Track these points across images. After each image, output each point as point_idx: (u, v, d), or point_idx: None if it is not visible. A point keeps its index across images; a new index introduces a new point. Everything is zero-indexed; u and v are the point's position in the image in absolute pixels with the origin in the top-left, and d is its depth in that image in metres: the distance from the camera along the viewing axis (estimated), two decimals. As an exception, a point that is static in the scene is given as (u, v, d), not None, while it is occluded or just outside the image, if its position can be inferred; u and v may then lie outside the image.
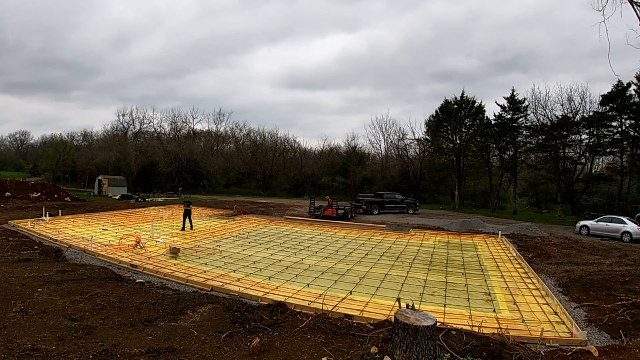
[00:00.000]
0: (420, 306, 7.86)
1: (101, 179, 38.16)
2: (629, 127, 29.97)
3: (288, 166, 51.79)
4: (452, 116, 39.60)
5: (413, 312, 4.46)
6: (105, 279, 8.49)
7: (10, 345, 4.77)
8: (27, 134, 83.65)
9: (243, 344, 5.26)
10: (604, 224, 20.83)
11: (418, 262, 12.61)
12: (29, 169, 63.36)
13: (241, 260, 11.92)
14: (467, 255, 14.12)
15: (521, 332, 6.78)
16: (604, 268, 12.38)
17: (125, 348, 4.95)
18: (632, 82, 29.20)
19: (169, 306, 6.81)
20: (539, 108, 34.07)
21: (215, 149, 56.51)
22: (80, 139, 61.55)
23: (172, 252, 12.12)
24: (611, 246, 17.11)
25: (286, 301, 7.69)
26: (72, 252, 12.13)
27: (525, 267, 12.41)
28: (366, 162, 49.63)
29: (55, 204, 24.67)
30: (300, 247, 14.39)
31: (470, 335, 4.99)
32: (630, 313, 7.62)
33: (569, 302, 9.10)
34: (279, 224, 20.92)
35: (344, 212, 24.69)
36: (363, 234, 18.48)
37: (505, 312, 8.16)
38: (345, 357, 4.72)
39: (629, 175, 30.67)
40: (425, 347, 4.09)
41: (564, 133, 32.03)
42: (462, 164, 39.54)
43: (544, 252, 15.14)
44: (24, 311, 5.99)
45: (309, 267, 11.31)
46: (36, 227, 15.70)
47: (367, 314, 7.34)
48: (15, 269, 8.64)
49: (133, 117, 55.76)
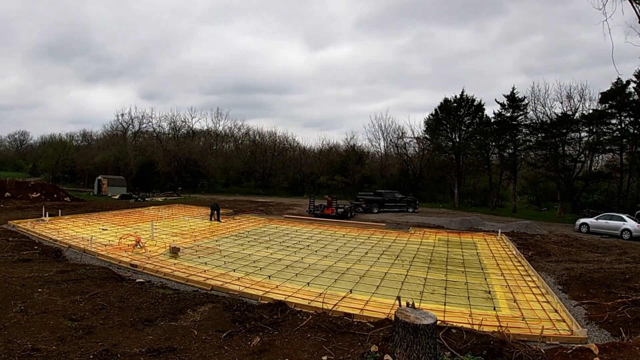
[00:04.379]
0: (421, 304, 7.86)
1: (101, 179, 38.10)
2: (629, 124, 30.00)
3: (287, 165, 51.77)
4: (451, 114, 39.58)
5: (413, 311, 4.46)
6: (105, 278, 8.48)
7: (11, 345, 4.76)
8: (27, 134, 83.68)
9: (243, 343, 5.26)
10: (603, 222, 20.85)
11: (418, 261, 12.62)
12: (28, 169, 63.27)
13: (241, 259, 11.91)
14: (467, 254, 14.13)
15: (521, 330, 6.78)
16: (603, 266, 12.39)
17: (126, 348, 4.95)
18: (631, 79, 29.23)
19: (169, 306, 6.81)
20: (539, 106, 34.11)
21: (214, 148, 56.47)
22: (80, 139, 61.57)
23: (172, 252, 12.11)
24: (611, 244, 17.13)
25: (286, 300, 7.69)
26: (72, 252, 12.12)
27: (525, 265, 12.42)
28: (365, 160, 49.64)
29: (54, 204, 24.63)
30: (300, 246, 14.39)
31: (471, 333, 4.99)
32: (631, 310, 7.62)
33: (569, 299, 9.10)
34: (279, 223, 20.91)
35: (344, 210, 24.70)
36: (363, 232, 18.48)
37: (505, 310, 8.17)
38: (346, 355, 4.72)
39: (629, 173, 30.70)
40: (426, 346, 4.09)
41: (563, 131, 32.05)
42: (462, 162, 39.53)
43: (544, 250, 15.16)
44: (24, 311, 5.98)
45: (309, 266, 11.31)
46: (36, 227, 15.68)
47: (367, 312, 7.34)
48: (15, 269, 8.63)
49: (132, 116, 55.73)
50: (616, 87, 29.60)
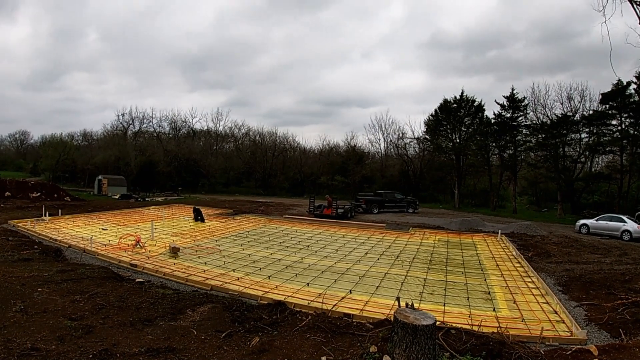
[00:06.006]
0: (420, 305, 7.87)
1: (101, 179, 38.11)
2: (629, 125, 29.96)
3: (287, 165, 51.79)
4: (451, 115, 39.59)
5: (412, 311, 4.46)
6: (105, 278, 8.48)
7: (10, 344, 4.77)
8: (27, 133, 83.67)
9: (243, 343, 5.26)
10: (603, 223, 20.83)
11: (418, 261, 12.61)
12: (28, 169, 63.27)
13: (241, 259, 11.91)
14: (466, 254, 14.12)
15: (521, 331, 6.78)
16: (603, 267, 12.38)
17: (125, 347, 4.95)
18: (632, 81, 29.21)
19: (169, 305, 6.81)
20: (539, 106, 34.13)
21: (215, 148, 56.50)
22: (80, 138, 61.63)
23: (172, 252, 12.11)
24: (611, 245, 17.11)
25: (286, 300, 7.69)
26: (72, 251, 12.13)
27: (525, 266, 12.41)
28: (366, 161, 49.67)
29: (55, 203, 24.64)
30: (300, 247, 14.39)
31: (470, 334, 4.99)
32: (630, 312, 7.61)
33: (568, 300, 9.10)
34: (279, 223, 20.91)
35: (344, 211, 24.70)
36: (363, 233, 18.48)
37: (505, 311, 8.16)
38: (345, 356, 4.71)
39: (629, 174, 30.66)
40: (425, 346, 4.09)
41: (563, 132, 32.03)
42: (462, 163, 39.54)
43: (544, 250, 15.15)
44: (23, 311, 5.98)
45: (308, 267, 11.31)
46: (36, 227, 15.69)
47: (367, 313, 7.34)
48: (15, 268, 8.63)
49: (132, 116, 55.78)
50: (616, 88, 29.59)
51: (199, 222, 19.79)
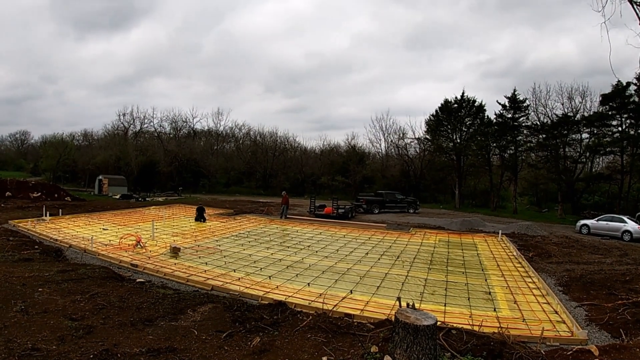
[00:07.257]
0: (421, 305, 7.86)
1: (101, 179, 38.13)
2: (629, 126, 29.99)
3: (288, 165, 51.79)
4: (452, 115, 39.60)
5: (413, 312, 4.46)
6: (106, 278, 8.48)
7: (11, 345, 4.77)
8: (28, 133, 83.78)
9: (243, 344, 5.26)
10: (604, 223, 20.83)
11: (418, 261, 12.61)
12: (29, 169, 63.31)
13: (241, 259, 11.92)
14: (467, 255, 14.12)
15: (522, 331, 6.78)
16: (604, 267, 12.36)
17: (126, 347, 4.95)
18: (632, 82, 29.20)
19: (170, 306, 6.81)
20: (540, 107, 34.10)
21: (215, 148, 56.52)
22: (81, 138, 61.68)
23: (172, 252, 12.12)
24: (612, 245, 17.10)
25: (287, 300, 7.69)
26: (73, 251, 12.13)
27: (525, 266, 12.40)
28: (366, 161, 49.66)
29: (55, 203, 24.65)
30: (301, 247, 14.39)
31: (471, 334, 4.99)
32: (631, 312, 7.61)
33: (569, 301, 9.09)
34: (280, 223, 20.92)
35: (344, 211, 24.72)
36: (363, 233, 18.48)
37: (505, 311, 8.16)
38: (346, 356, 4.71)
39: (629, 175, 30.66)
40: (426, 346, 4.09)
41: (564, 132, 32.01)
42: (463, 163, 39.54)
43: (545, 251, 15.14)
44: (24, 311, 5.99)
45: (309, 267, 11.31)
46: (37, 227, 15.70)
47: (368, 313, 7.34)
48: (16, 268, 8.64)
49: (133, 116, 55.81)
50: (616, 89, 29.59)
51: (200, 222, 19.80)
